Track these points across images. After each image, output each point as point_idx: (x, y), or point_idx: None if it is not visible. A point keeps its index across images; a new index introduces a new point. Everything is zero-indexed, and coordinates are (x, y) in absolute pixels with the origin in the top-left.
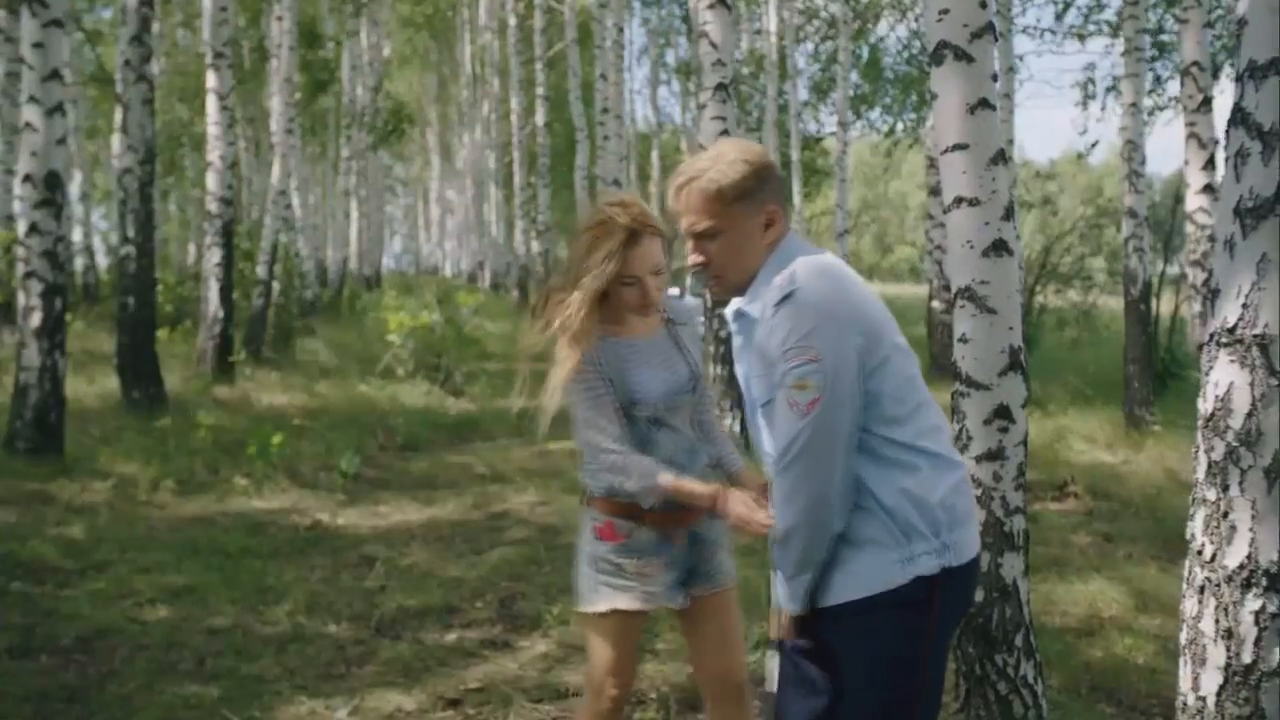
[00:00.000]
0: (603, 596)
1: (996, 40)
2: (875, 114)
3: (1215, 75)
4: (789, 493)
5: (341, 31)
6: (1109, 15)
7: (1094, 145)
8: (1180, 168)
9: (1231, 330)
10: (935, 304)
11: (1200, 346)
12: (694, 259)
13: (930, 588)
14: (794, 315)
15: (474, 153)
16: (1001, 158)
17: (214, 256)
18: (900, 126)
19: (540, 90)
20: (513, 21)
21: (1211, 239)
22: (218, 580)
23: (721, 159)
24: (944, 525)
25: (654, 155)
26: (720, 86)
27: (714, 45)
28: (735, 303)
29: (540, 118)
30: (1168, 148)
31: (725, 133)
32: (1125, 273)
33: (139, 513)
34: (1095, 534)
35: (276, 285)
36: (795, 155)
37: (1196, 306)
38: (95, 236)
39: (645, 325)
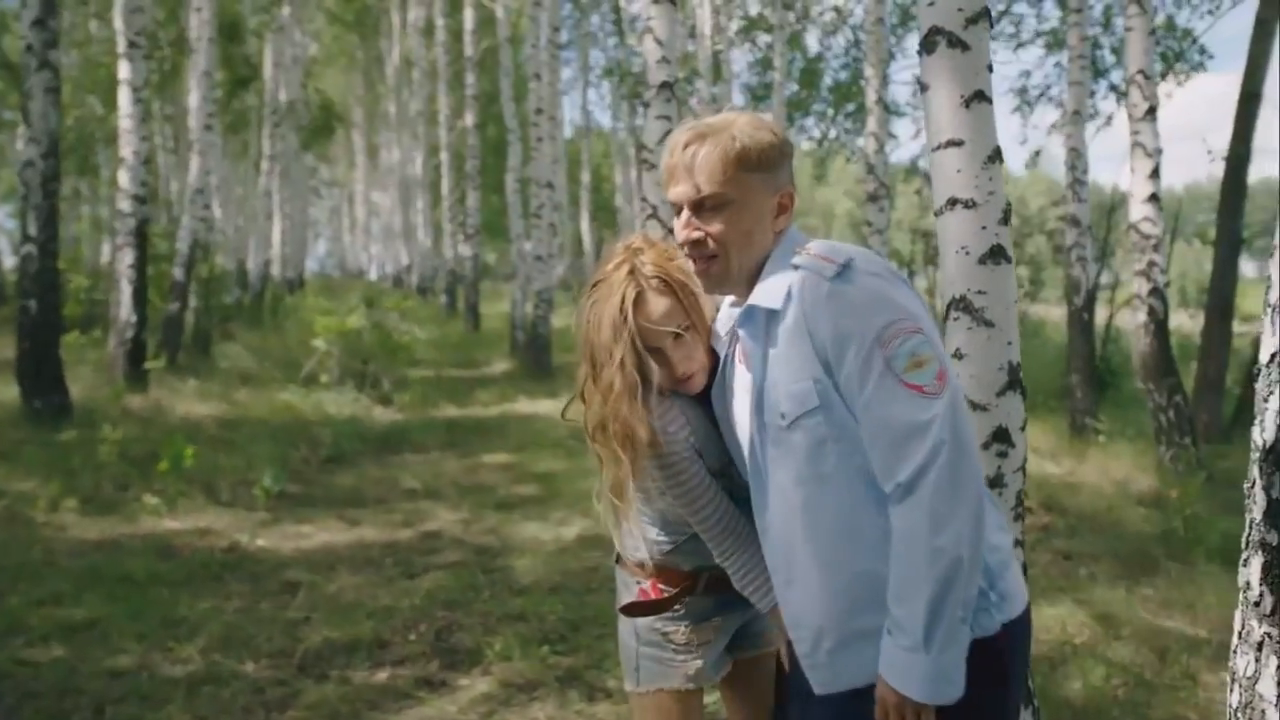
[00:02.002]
0: (647, 674)
1: (991, 27)
2: (809, 121)
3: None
4: (945, 505)
5: (264, 26)
6: (1047, 25)
7: (1037, 154)
8: (1112, 177)
9: None
10: None
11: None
12: (686, 234)
13: (995, 650)
14: (869, 287)
15: (401, 154)
16: (998, 156)
17: (126, 258)
18: (833, 134)
19: (470, 91)
20: (441, 21)
21: (1157, 248)
22: (122, 613)
23: (742, 120)
24: (995, 571)
25: (584, 158)
26: (665, 85)
27: (659, 42)
28: (727, 303)
29: (470, 119)
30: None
31: (670, 134)
32: (1068, 281)
33: (36, 536)
34: (1054, 552)
35: (194, 288)
36: None
37: (1141, 316)
38: (1, 236)
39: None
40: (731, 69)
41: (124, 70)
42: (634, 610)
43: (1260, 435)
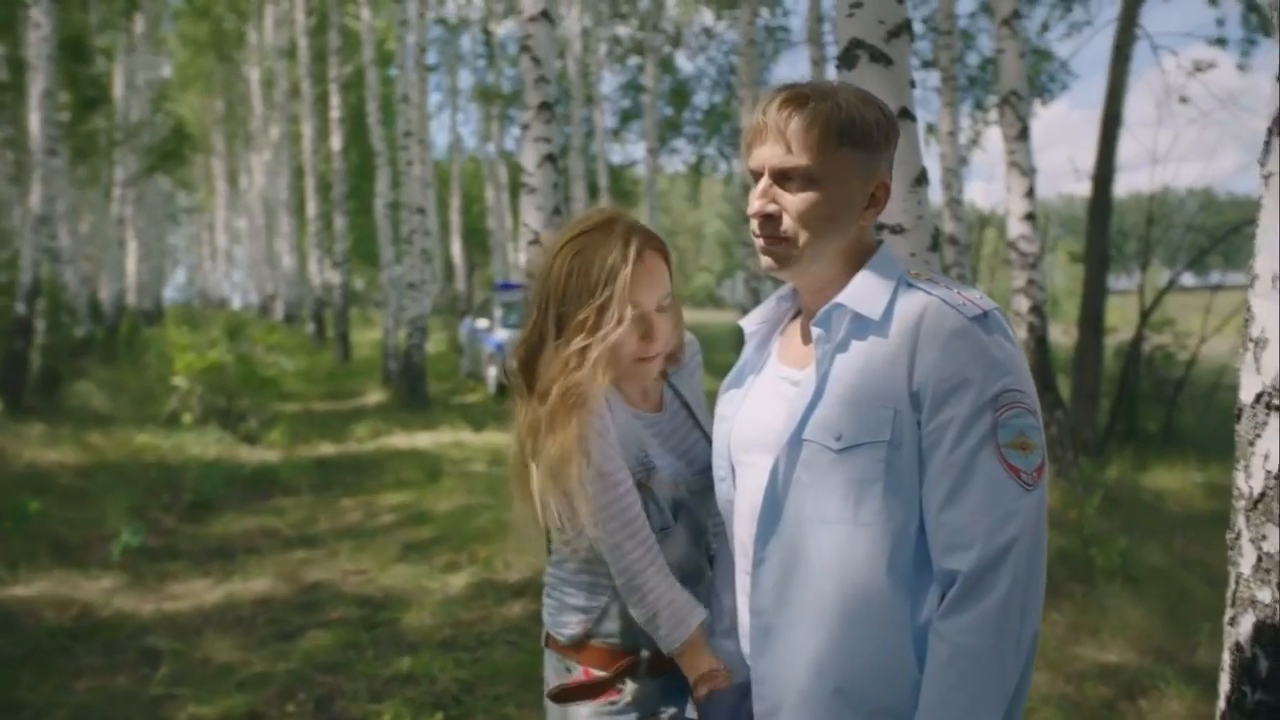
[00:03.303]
0: None
1: (912, 41)
2: (681, 143)
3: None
4: (1002, 611)
5: (113, 45)
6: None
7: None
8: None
9: None
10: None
11: (1237, 412)
12: (760, 205)
13: None
14: (1005, 346)
15: (264, 178)
16: (924, 178)
17: None
18: (706, 156)
19: (335, 113)
20: (303, 42)
21: (1034, 265)
22: None
23: (849, 89)
24: None
25: (454, 182)
26: (545, 105)
27: (536, 61)
28: (774, 296)
29: (336, 142)
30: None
31: (550, 157)
32: None
33: None
34: None
35: (40, 323)
36: (604, 182)
37: (1022, 333)
38: None
39: (644, 392)
40: (601, 90)
41: None
42: (563, 695)
43: (1246, 483)
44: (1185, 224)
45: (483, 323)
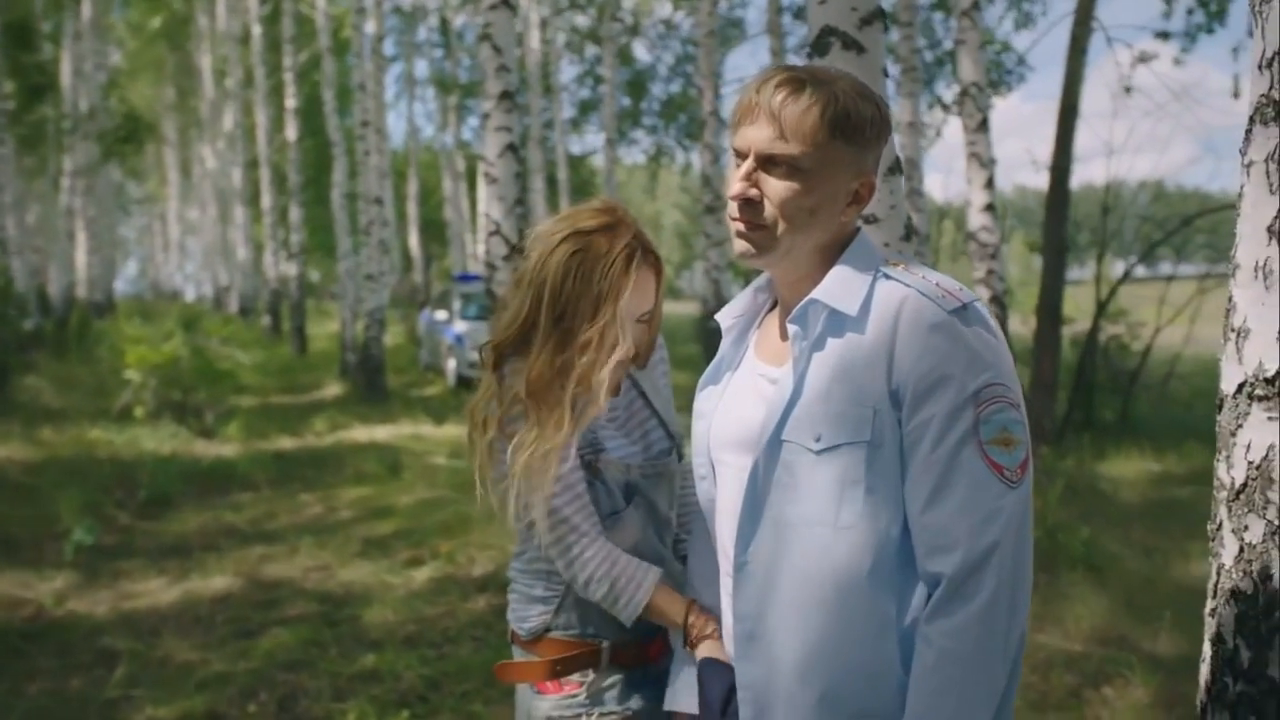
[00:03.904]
0: None
1: (886, 30)
2: (639, 134)
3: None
4: (988, 613)
5: (59, 31)
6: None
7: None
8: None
9: (1271, 380)
10: (713, 323)
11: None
12: (741, 188)
13: None
14: (985, 339)
15: (218, 168)
16: (898, 167)
17: None
18: (664, 146)
19: (291, 102)
20: (257, 30)
21: (995, 255)
22: None
23: (847, 81)
24: None
25: (410, 172)
26: (506, 95)
27: (497, 49)
28: (751, 288)
29: (291, 132)
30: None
31: (512, 146)
32: None
33: None
34: None
35: None
36: (563, 174)
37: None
38: None
39: None
40: (560, 80)
41: None
42: (505, 671)
43: (1227, 474)
44: (1139, 216)
45: (442, 314)
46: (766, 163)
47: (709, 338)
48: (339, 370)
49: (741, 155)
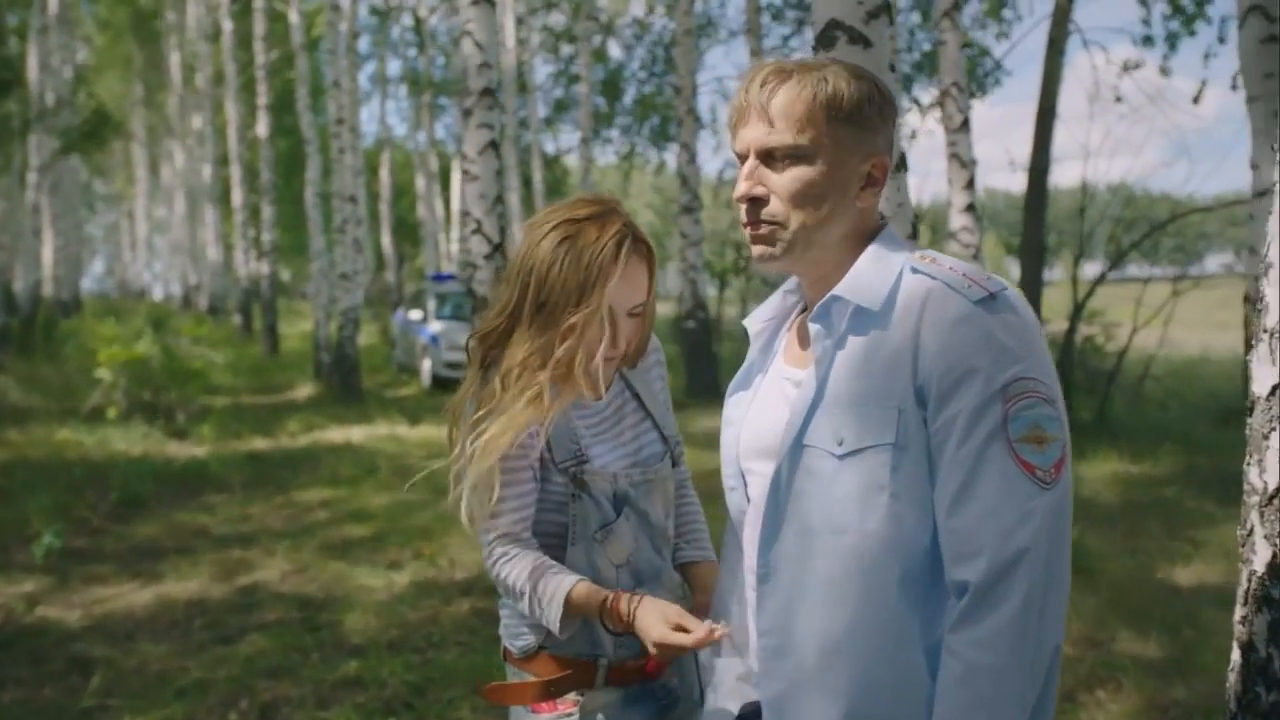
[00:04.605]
0: None
1: (892, 23)
2: (614, 133)
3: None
4: (1017, 623)
5: (25, 25)
6: None
7: None
8: None
9: None
10: (690, 324)
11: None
12: (745, 187)
13: None
14: (1016, 328)
15: (187, 166)
16: (903, 163)
17: None
18: (639, 147)
19: (263, 99)
20: (228, 26)
21: (976, 256)
22: None
23: (837, 65)
24: None
25: (383, 170)
26: (487, 91)
27: (479, 45)
28: (781, 290)
29: (263, 129)
30: None
31: (493, 144)
32: None
33: None
34: None
35: None
36: (537, 175)
37: None
38: None
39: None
40: (535, 79)
41: None
42: (494, 693)
43: (1260, 478)
44: (1114, 218)
45: (416, 314)
46: (767, 158)
47: (684, 337)
48: (312, 370)
49: (742, 158)
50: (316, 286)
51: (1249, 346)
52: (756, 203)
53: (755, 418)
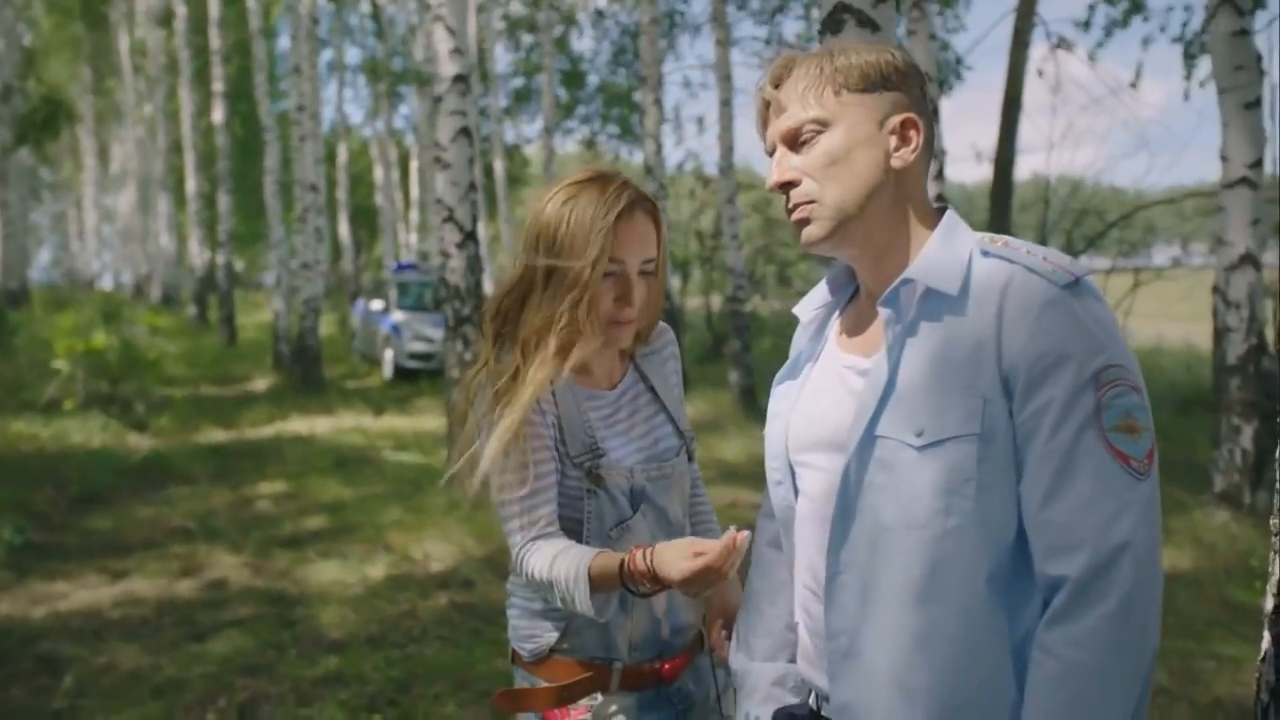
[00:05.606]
0: None
1: (899, 7)
2: (575, 124)
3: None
4: (1119, 620)
5: None
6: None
7: None
8: None
9: None
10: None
11: None
12: (777, 175)
13: None
14: (1102, 316)
15: (139, 154)
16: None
17: None
18: (603, 137)
19: (218, 85)
20: (182, 10)
21: None
22: None
23: (847, 44)
24: None
25: (340, 159)
26: (460, 78)
27: (450, 31)
28: (823, 282)
29: (218, 116)
30: None
31: (465, 131)
32: None
33: None
34: None
35: None
36: (499, 165)
37: None
38: None
39: (604, 367)
40: (496, 69)
41: None
42: (504, 699)
43: None
44: (1078, 209)
45: (377, 304)
46: (792, 144)
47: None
48: (271, 361)
49: (772, 153)
50: (276, 276)
51: (1218, 335)
52: (789, 187)
53: (808, 408)
